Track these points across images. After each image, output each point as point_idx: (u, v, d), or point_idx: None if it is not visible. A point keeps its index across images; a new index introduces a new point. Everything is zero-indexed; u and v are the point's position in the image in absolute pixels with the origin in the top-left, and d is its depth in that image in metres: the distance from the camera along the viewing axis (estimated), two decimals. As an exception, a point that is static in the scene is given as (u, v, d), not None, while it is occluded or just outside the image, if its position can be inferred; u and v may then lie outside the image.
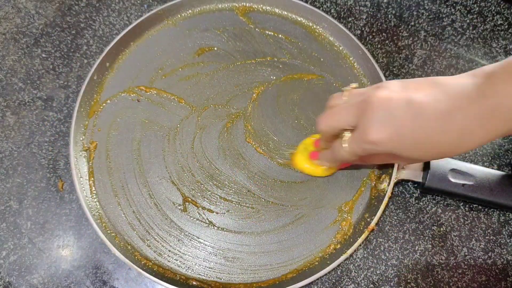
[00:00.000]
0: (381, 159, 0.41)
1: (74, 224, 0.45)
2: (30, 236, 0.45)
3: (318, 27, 0.54)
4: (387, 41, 0.54)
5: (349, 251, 0.42)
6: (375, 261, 0.44)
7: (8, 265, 0.43)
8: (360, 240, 0.43)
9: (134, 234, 0.44)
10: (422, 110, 0.32)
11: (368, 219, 0.44)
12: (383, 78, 0.49)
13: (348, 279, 0.43)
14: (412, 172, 0.45)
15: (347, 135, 0.36)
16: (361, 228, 0.44)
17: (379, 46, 0.54)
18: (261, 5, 0.55)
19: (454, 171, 0.44)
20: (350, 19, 0.55)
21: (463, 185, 0.44)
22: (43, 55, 0.53)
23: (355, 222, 0.45)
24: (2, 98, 0.50)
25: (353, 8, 0.56)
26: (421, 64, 0.53)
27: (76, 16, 0.55)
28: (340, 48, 0.53)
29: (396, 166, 0.45)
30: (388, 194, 0.44)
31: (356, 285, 0.43)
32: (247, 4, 0.55)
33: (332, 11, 0.56)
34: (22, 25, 0.54)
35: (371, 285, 0.43)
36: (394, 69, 0.53)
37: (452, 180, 0.44)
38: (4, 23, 0.54)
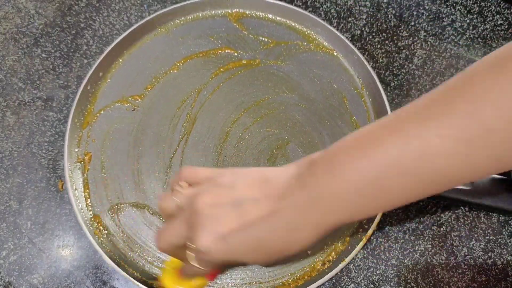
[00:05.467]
0: (232, 264, 0.35)
1: (74, 224, 0.45)
2: (30, 236, 0.45)
3: (312, 32, 0.54)
4: (387, 41, 0.54)
5: (347, 259, 0.42)
6: (375, 261, 0.44)
7: (8, 265, 0.43)
8: (357, 248, 0.42)
9: (130, 248, 0.43)
10: (247, 212, 0.31)
11: (365, 226, 0.44)
12: (378, 83, 0.48)
13: (348, 279, 0.43)
14: None
15: (192, 247, 0.32)
16: (359, 236, 0.44)
17: (379, 46, 0.54)
18: (255, 11, 0.54)
19: None
20: (350, 19, 0.55)
21: (461, 190, 0.43)
22: (43, 55, 0.53)
23: (352, 233, 0.45)
24: (2, 98, 0.50)
25: (353, 8, 0.56)
26: (421, 64, 0.53)
27: (76, 16, 0.55)
28: (335, 53, 0.53)
29: None
30: None
31: (356, 285, 0.43)
32: (240, 10, 0.55)
33: (332, 11, 0.56)
34: (22, 25, 0.54)
35: (371, 285, 0.43)
36: (394, 69, 0.53)
37: None
38: (4, 23, 0.54)
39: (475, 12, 0.56)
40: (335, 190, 0.28)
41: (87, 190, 0.45)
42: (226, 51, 0.52)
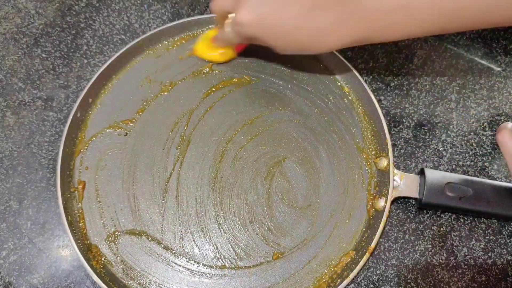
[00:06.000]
0: (259, 42, 0.43)
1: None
2: (30, 236, 0.45)
3: None
4: (387, 41, 0.54)
5: (351, 275, 0.41)
6: (375, 261, 0.44)
7: (8, 265, 0.43)
8: (361, 263, 0.42)
9: (129, 277, 0.43)
10: (289, 5, 0.36)
11: (367, 239, 0.44)
12: (370, 93, 0.48)
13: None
14: (408, 189, 0.44)
15: (231, 16, 0.40)
16: (363, 251, 0.43)
17: (379, 46, 0.54)
18: None
19: (450, 184, 0.43)
20: (350, 19, 0.55)
21: (460, 198, 0.43)
22: (43, 55, 0.53)
23: (355, 245, 0.44)
24: (2, 98, 0.50)
25: (353, 8, 0.56)
26: (421, 64, 0.53)
27: (76, 16, 0.55)
28: (326, 66, 0.52)
29: (391, 185, 0.44)
30: (386, 213, 0.43)
31: (356, 285, 0.43)
32: None
33: (332, 11, 0.56)
34: (22, 25, 0.54)
35: (371, 285, 0.43)
36: (394, 69, 0.53)
37: (449, 194, 0.43)
38: (4, 23, 0.54)
39: (475, 12, 0.56)
40: (369, 6, 0.34)
41: (83, 220, 0.44)
42: (216, 70, 0.51)
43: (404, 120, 0.50)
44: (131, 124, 0.48)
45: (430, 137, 0.49)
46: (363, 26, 0.35)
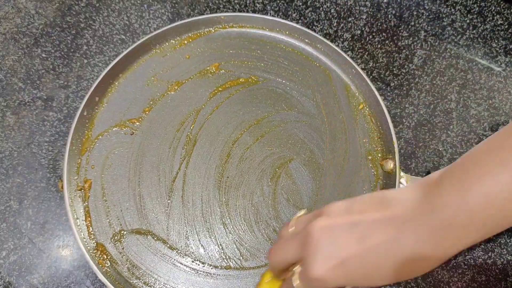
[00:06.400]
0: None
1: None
2: (30, 236, 0.45)
3: (309, 48, 0.53)
4: (387, 41, 0.54)
5: None
6: (375, 261, 0.44)
7: (8, 265, 0.43)
8: None
9: (135, 276, 0.43)
10: (366, 235, 0.29)
11: None
12: (378, 95, 0.48)
13: (348, 279, 0.43)
14: None
15: (297, 270, 0.32)
16: None
17: (379, 46, 0.54)
18: (251, 29, 0.54)
19: None
20: (350, 19, 0.55)
21: None
22: (43, 55, 0.53)
23: None
24: (2, 98, 0.50)
25: (353, 8, 0.56)
26: (421, 64, 0.53)
27: (76, 16, 0.55)
28: (333, 68, 0.52)
29: (397, 187, 0.43)
30: None
31: (356, 285, 0.43)
32: (235, 28, 0.54)
33: (332, 11, 0.56)
34: (22, 25, 0.54)
35: (371, 285, 0.43)
36: (394, 69, 0.53)
37: None
38: (4, 23, 0.54)
39: (475, 12, 0.56)
40: (472, 207, 0.26)
41: (89, 218, 0.44)
42: (223, 70, 0.51)
43: (404, 120, 0.50)
44: (138, 123, 0.49)
45: (430, 137, 0.49)
46: (472, 230, 0.26)
